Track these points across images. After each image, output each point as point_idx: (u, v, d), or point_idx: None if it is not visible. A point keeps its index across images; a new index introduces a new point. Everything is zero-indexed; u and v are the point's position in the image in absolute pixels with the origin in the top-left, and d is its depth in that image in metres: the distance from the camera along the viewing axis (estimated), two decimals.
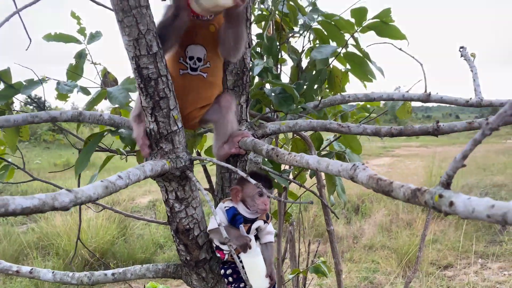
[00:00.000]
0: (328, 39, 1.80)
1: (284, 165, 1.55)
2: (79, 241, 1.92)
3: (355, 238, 5.73)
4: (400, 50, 1.68)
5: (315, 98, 1.76)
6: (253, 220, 1.29)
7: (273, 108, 1.62)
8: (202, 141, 1.87)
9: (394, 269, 4.56)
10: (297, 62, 1.87)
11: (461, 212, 0.53)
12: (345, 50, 1.74)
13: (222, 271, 1.33)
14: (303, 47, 1.89)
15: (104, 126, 1.52)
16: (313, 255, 2.47)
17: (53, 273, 1.48)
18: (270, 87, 1.70)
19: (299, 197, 2.22)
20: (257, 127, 1.39)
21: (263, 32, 1.80)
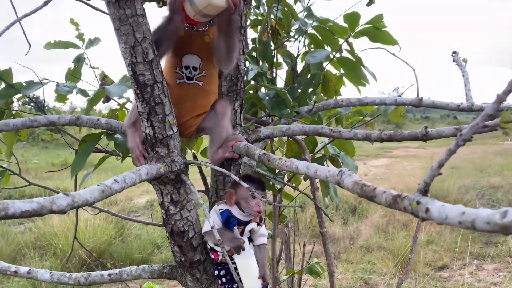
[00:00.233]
0: (323, 44, 1.83)
1: None
2: (77, 241, 1.95)
3: (351, 239, 5.76)
4: (393, 55, 1.71)
5: (309, 102, 1.79)
6: (247, 222, 1.32)
7: (267, 112, 1.65)
8: (198, 142, 1.90)
9: (390, 270, 4.59)
10: (292, 66, 1.90)
11: (436, 218, 0.56)
12: (339, 55, 1.78)
13: (216, 272, 1.36)
14: (298, 51, 1.93)
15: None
16: (309, 256, 2.50)
17: (50, 273, 1.51)
18: (265, 91, 1.73)
19: (293, 198, 2.26)
20: (251, 131, 1.42)
21: (259, 36, 1.83)
